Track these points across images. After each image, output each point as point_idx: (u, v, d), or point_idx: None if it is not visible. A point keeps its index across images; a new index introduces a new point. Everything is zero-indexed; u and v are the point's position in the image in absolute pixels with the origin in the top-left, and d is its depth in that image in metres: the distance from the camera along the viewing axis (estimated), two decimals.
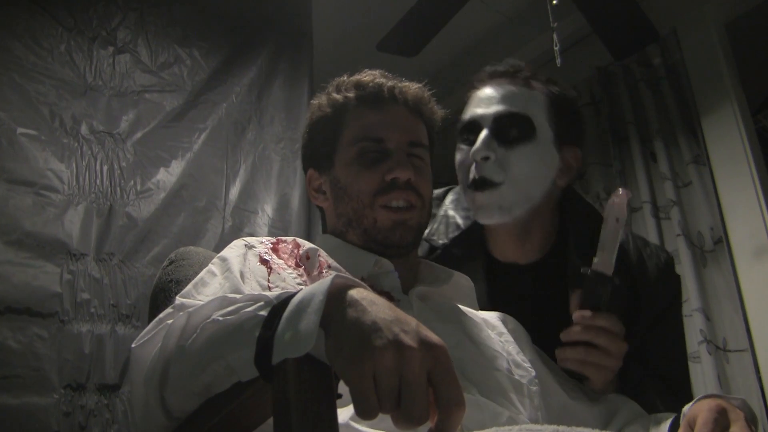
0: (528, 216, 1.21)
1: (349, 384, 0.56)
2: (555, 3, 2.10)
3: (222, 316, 0.68)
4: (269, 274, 0.92)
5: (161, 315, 0.84)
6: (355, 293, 0.62)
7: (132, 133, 2.01)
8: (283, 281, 0.91)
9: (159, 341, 0.77)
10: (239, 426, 0.69)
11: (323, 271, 0.95)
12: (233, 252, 0.96)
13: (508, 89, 1.21)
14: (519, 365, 1.00)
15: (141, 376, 0.77)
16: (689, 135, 2.56)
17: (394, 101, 1.09)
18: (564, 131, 1.22)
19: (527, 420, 0.90)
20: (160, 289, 1.11)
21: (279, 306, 0.63)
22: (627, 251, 1.24)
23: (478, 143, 1.18)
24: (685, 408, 0.94)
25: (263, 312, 0.64)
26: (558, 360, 1.06)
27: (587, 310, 1.04)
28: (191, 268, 1.10)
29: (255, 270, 0.93)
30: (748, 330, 2.27)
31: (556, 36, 2.04)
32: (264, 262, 0.94)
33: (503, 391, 0.92)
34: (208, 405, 0.71)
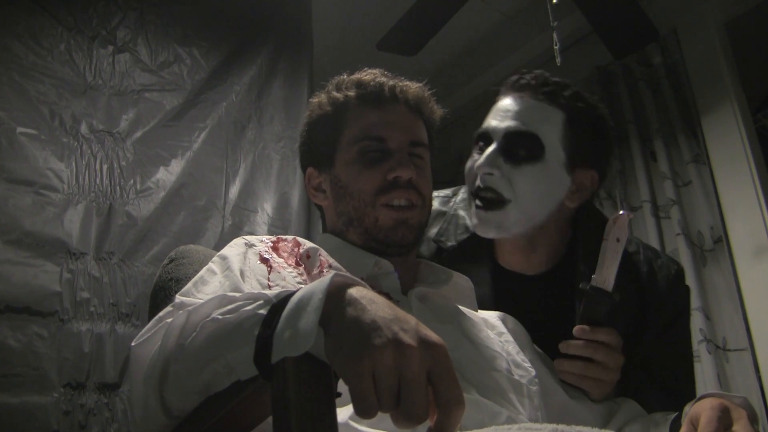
0: (533, 232, 1.20)
1: (349, 383, 0.56)
2: (555, 2, 2.10)
3: (221, 314, 0.68)
4: (269, 272, 0.92)
5: (161, 313, 0.84)
6: (355, 292, 0.62)
7: (132, 132, 2.01)
8: (283, 280, 0.91)
9: (159, 340, 0.77)
10: (239, 425, 0.69)
11: (323, 270, 0.95)
12: (233, 250, 0.96)
13: (526, 104, 1.17)
14: (519, 365, 1.00)
15: (141, 374, 0.77)
16: (689, 134, 2.56)
17: (395, 100, 1.09)
18: (580, 153, 1.18)
19: (527, 420, 0.90)
20: (160, 288, 1.11)
21: (278, 305, 0.63)
22: (637, 263, 1.23)
23: (482, 158, 1.16)
24: (687, 407, 0.94)
25: (263, 311, 0.64)
26: (557, 372, 1.06)
27: (586, 325, 1.04)
28: (191, 266, 1.10)
29: (255, 268, 0.92)
30: (747, 329, 2.27)
31: (556, 35, 2.04)
32: (264, 260, 0.94)
33: (502, 392, 0.92)
34: (207, 403, 0.70)
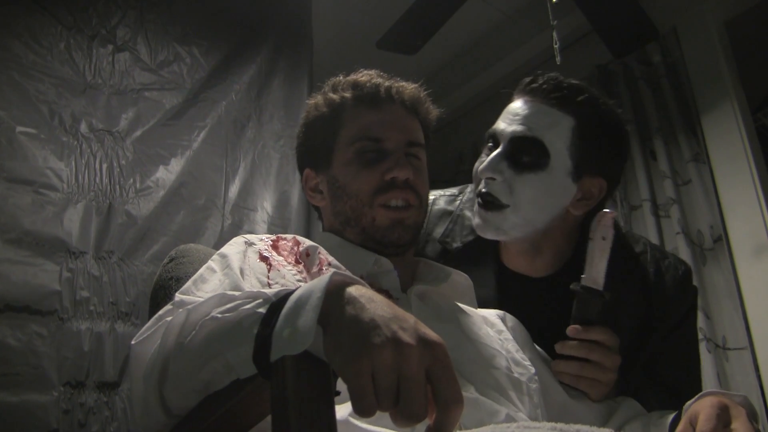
0: (536, 236, 1.19)
1: (347, 381, 0.56)
2: (555, 1, 2.10)
3: (221, 313, 0.68)
4: (269, 270, 0.92)
5: (161, 312, 0.84)
6: (354, 290, 0.62)
7: (131, 132, 2.01)
8: (283, 278, 0.91)
9: (158, 338, 0.77)
10: (238, 423, 0.69)
11: (323, 269, 0.95)
12: (233, 249, 0.96)
13: (535, 108, 1.14)
14: (518, 363, 1.00)
15: (140, 372, 0.77)
16: (689, 133, 2.56)
17: (391, 101, 1.10)
18: (588, 161, 1.14)
19: (526, 417, 0.90)
20: (160, 287, 1.11)
21: (277, 303, 0.63)
22: (644, 263, 1.22)
23: (486, 162, 1.15)
24: (687, 404, 0.95)
25: (262, 309, 0.64)
26: (553, 373, 1.06)
27: (579, 324, 1.04)
28: (191, 265, 1.10)
29: (255, 267, 0.93)
30: (747, 328, 2.27)
31: (556, 34, 2.03)
32: (264, 259, 0.94)
33: (502, 389, 0.92)
34: (206, 402, 0.71)
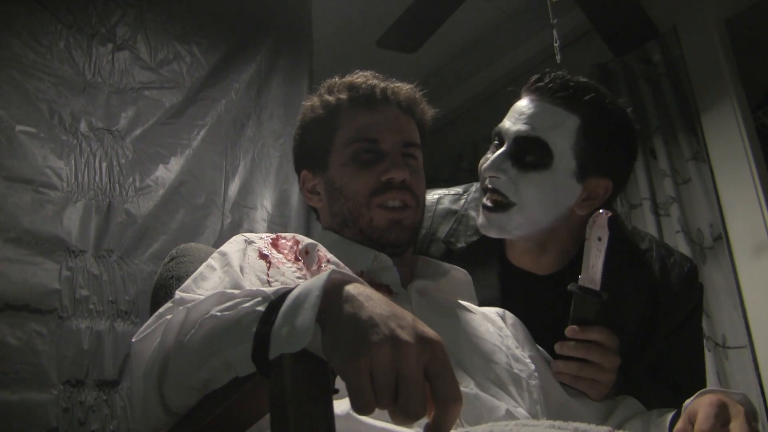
0: (541, 236, 1.19)
1: (346, 379, 0.56)
2: None
3: (220, 311, 0.68)
4: (268, 268, 0.93)
5: (161, 309, 0.84)
6: (352, 288, 0.62)
7: (131, 130, 2.01)
8: (283, 275, 0.91)
9: (159, 336, 0.77)
10: (237, 421, 0.69)
11: (322, 266, 0.95)
12: (233, 247, 0.96)
13: (540, 108, 1.14)
14: (518, 359, 1.00)
15: (140, 370, 0.78)
16: (689, 132, 2.56)
17: (386, 102, 1.10)
18: (593, 161, 1.13)
19: (526, 413, 0.91)
20: (160, 286, 1.12)
21: (276, 301, 0.63)
22: (650, 261, 1.22)
23: (490, 161, 1.15)
24: (686, 402, 0.95)
25: (261, 307, 0.64)
26: (553, 373, 1.06)
27: (577, 325, 1.04)
28: (192, 264, 1.10)
29: (254, 265, 0.93)
30: (747, 327, 2.27)
31: (555, 32, 2.03)
32: (263, 256, 0.94)
33: (502, 384, 0.93)
34: (206, 400, 0.70)
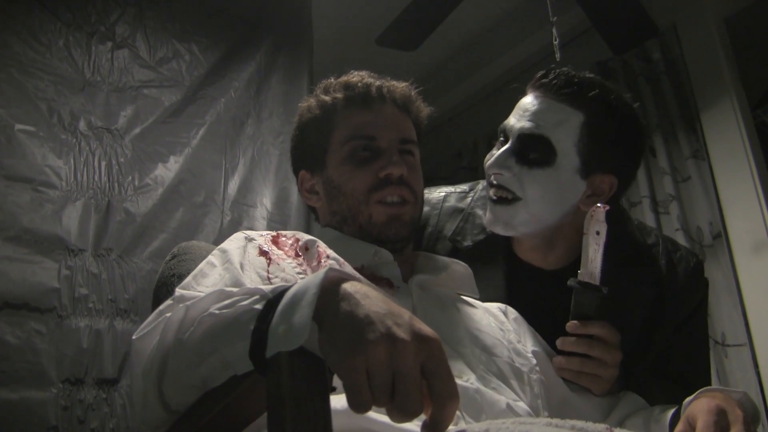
0: (548, 232, 1.19)
1: (342, 378, 0.56)
2: None
3: (218, 309, 0.68)
4: (269, 265, 0.93)
5: (161, 307, 0.84)
6: (349, 286, 0.62)
7: (130, 129, 2.00)
8: (283, 271, 0.92)
9: (158, 334, 0.77)
10: (236, 419, 0.69)
11: (322, 261, 0.95)
12: (233, 244, 0.97)
13: (544, 105, 1.14)
14: (520, 353, 1.01)
15: (140, 368, 0.78)
16: (688, 130, 2.56)
17: (382, 100, 1.11)
18: (597, 158, 1.13)
19: (526, 407, 0.91)
20: (162, 284, 1.12)
21: (274, 299, 0.63)
22: (656, 255, 1.22)
23: (494, 158, 1.15)
24: (686, 401, 0.95)
25: (258, 305, 0.64)
26: (555, 369, 1.06)
27: (578, 320, 1.04)
28: (194, 262, 1.10)
29: (254, 262, 0.93)
30: (746, 325, 2.27)
31: (555, 30, 2.03)
32: (263, 253, 0.95)
33: (504, 378, 0.93)
34: (205, 398, 0.71)
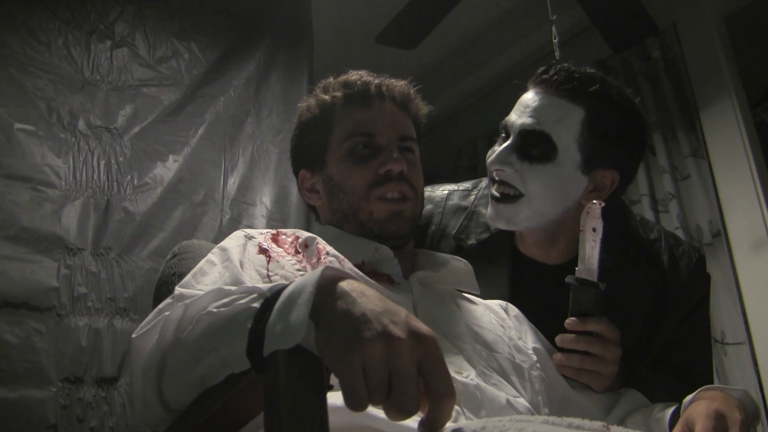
0: (550, 227, 1.19)
1: (339, 376, 0.56)
2: None
3: (217, 308, 0.69)
4: (268, 263, 0.93)
5: (161, 305, 0.85)
6: (345, 285, 0.62)
7: (129, 128, 2.00)
8: (282, 269, 0.92)
9: (157, 332, 0.77)
10: (234, 418, 0.70)
11: (321, 258, 0.96)
12: (233, 242, 0.97)
13: (546, 100, 1.14)
14: (520, 350, 1.01)
15: (140, 367, 0.78)
16: (688, 128, 2.56)
17: (381, 98, 1.11)
18: (599, 153, 1.14)
19: (527, 403, 0.91)
20: (163, 282, 1.12)
21: (271, 298, 0.64)
22: (658, 250, 1.23)
23: (495, 154, 1.16)
24: (686, 400, 0.95)
25: (256, 304, 0.65)
26: (555, 366, 1.06)
27: (577, 317, 1.05)
28: (194, 261, 1.09)
29: (254, 259, 0.94)
30: (746, 323, 2.27)
31: (555, 29, 2.03)
32: (263, 251, 0.95)
33: (504, 374, 0.93)
34: (203, 397, 0.71)
